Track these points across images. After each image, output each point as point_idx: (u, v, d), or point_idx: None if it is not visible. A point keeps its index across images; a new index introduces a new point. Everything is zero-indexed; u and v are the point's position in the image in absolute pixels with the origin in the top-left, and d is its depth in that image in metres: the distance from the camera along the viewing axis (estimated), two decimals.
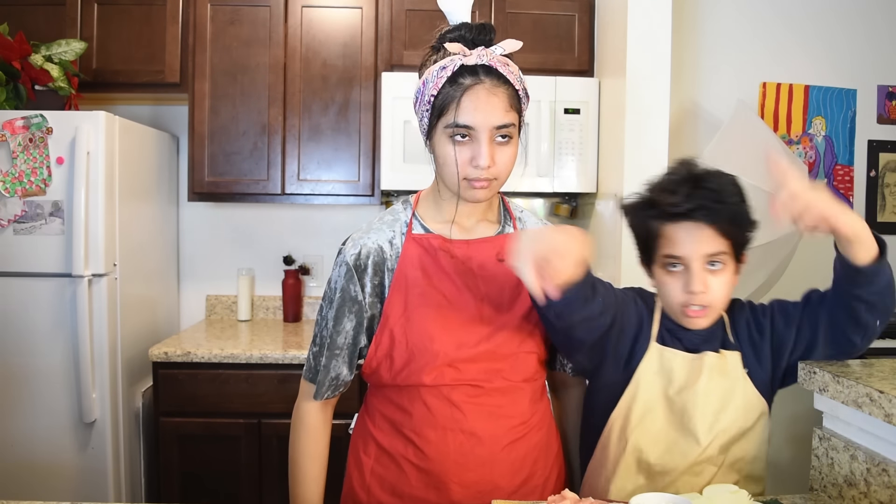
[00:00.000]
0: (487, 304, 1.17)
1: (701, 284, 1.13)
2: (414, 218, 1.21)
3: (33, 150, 2.16)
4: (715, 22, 2.90)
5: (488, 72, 1.10)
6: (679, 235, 1.13)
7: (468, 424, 1.15)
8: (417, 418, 1.17)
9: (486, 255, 1.19)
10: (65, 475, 2.21)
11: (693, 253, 1.13)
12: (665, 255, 1.16)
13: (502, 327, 1.17)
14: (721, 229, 1.12)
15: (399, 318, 1.16)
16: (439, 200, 1.21)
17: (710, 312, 1.17)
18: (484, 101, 1.08)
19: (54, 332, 2.19)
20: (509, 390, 1.19)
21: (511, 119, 1.11)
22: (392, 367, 1.17)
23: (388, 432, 1.21)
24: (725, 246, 1.14)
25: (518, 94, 1.14)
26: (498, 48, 1.12)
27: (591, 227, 2.71)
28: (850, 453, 1.11)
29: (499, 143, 1.11)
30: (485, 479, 1.16)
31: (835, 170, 3.01)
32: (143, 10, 2.56)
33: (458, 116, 1.08)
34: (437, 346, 1.14)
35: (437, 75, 1.10)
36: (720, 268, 1.15)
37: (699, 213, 1.11)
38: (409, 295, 1.16)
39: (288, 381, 2.27)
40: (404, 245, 1.18)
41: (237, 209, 2.94)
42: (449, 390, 1.15)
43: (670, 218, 1.14)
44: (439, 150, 1.13)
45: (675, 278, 1.16)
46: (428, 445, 1.16)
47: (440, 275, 1.17)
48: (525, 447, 1.20)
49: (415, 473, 1.17)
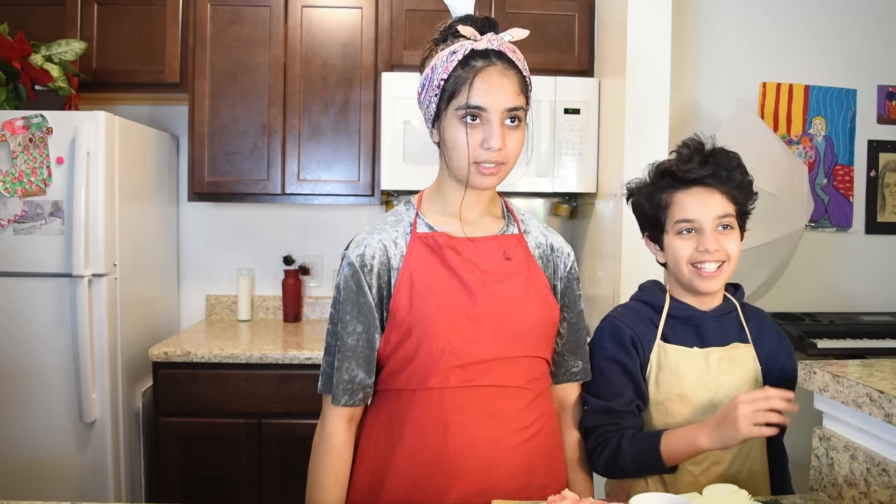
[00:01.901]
0: (494, 303, 1.16)
1: (715, 243, 1.21)
2: (418, 217, 1.21)
3: (33, 150, 2.16)
4: (715, 22, 2.91)
5: (499, 56, 1.11)
6: (691, 201, 1.23)
7: (469, 427, 1.14)
8: (417, 420, 1.15)
9: (492, 254, 1.19)
10: (65, 475, 2.21)
11: (706, 215, 1.21)
12: (678, 221, 1.24)
13: (508, 328, 1.16)
14: (729, 195, 1.22)
15: (405, 316, 1.14)
16: (444, 192, 1.21)
17: (722, 273, 1.22)
18: (496, 83, 1.09)
19: (54, 332, 2.19)
20: (513, 393, 1.17)
21: (521, 103, 1.12)
22: (399, 364, 1.16)
23: (386, 435, 1.19)
24: (733, 210, 1.23)
25: (526, 81, 1.15)
26: (507, 35, 1.13)
27: (591, 227, 2.71)
28: (850, 453, 1.11)
29: (508, 126, 1.11)
30: (483, 483, 1.14)
31: (835, 170, 3.01)
32: (143, 10, 2.56)
33: (471, 97, 1.09)
34: (443, 344, 1.13)
35: (447, 59, 1.11)
36: (729, 231, 1.23)
37: (711, 178, 1.21)
38: (414, 293, 1.14)
39: (288, 381, 2.28)
40: (409, 244, 1.17)
41: (237, 209, 2.94)
42: (452, 392, 1.14)
43: (683, 185, 1.23)
44: (449, 133, 1.12)
45: (687, 241, 1.24)
46: (427, 449, 1.14)
47: (447, 273, 1.16)
48: (526, 452, 1.18)
49: (414, 476, 1.15)
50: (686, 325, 1.26)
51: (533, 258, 1.23)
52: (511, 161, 1.14)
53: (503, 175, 1.14)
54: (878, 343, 2.56)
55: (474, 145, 1.10)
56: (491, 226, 1.22)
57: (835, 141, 3.00)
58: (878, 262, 3.04)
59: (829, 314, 2.78)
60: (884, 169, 3.04)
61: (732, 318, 1.28)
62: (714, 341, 1.24)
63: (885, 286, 3.04)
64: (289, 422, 2.30)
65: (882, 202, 3.05)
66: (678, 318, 1.27)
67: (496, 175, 1.13)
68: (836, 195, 3.01)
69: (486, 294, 1.15)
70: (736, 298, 1.31)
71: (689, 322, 1.26)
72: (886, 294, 3.03)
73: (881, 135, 3.02)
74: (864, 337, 2.59)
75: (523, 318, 1.17)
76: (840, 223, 3.02)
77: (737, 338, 1.26)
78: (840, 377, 1.11)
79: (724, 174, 1.21)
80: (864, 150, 3.02)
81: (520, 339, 1.17)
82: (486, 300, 1.15)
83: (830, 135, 2.99)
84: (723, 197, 1.22)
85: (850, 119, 3.00)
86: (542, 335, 1.19)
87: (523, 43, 1.15)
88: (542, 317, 1.18)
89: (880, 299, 3.02)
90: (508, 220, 1.25)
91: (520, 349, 1.17)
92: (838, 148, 3.00)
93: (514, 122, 1.12)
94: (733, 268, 1.24)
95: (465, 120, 1.10)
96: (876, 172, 3.03)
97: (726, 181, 1.21)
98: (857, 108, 3.00)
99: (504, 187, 1.21)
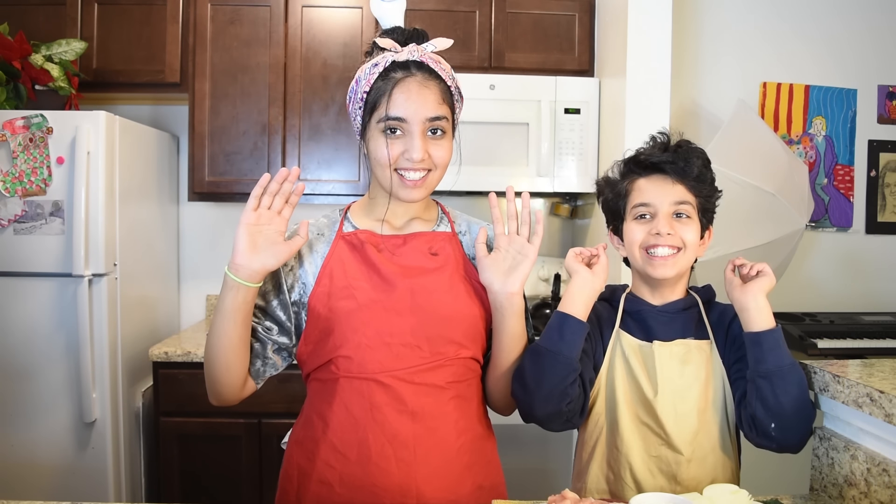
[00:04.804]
0: (415, 296, 1.14)
1: (668, 227, 1.19)
2: (345, 219, 1.22)
3: (33, 149, 2.16)
4: (715, 22, 2.91)
5: (419, 66, 1.12)
6: (649, 186, 1.23)
7: (389, 426, 1.11)
8: (338, 420, 1.13)
9: (417, 249, 1.18)
10: (65, 475, 2.21)
11: (661, 200, 1.21)
12: (635, 206, 1.24)
13: (432, 322, 1.13)
14: (688, 185, 1.22)
15: (324, 310, 1.13)
16: (374, 201, 1.21)
17: (676, 261, 1.20)
18: (416, 94, 1.10)
19: (54, 331, 2.19)
20: (437, 390, 1.14)
21: (443, 112, 1.12)
22: (319, 358, 1.15)
23: (310, 428, 1.17)
24: (692, 200, 1.22)
25: (450, 90, 1.15)
26: (429, 45, 1.14)
27: (591, 227, 2.71)
28: (850, 453, 1.11)
29: (431, 138, 1.12)
30: (407, 484, 1.11)
31: (835, 170, 3.01)
32: (143, 9, 2.56)
33: (389, 109, 1.09)
34: (359, 338, 1.11)
35: (369, 72, 1.12)
36: (685, 219, 1.22)
37: (669, 166, 1.22)
38: (333, 287, 1.14)
39: (288, 381, 2.27)
40: (333, 243, 1.18)
41: (237, 209, 2.94)
42: (372, 387, 1.12)
43: (644, 172, 1.24)
44: (371, 145, 1.13)
45: (642, 225, 1.23)
46: (349, 448, 1.12)
47: (365, 267, 1.15)
48: (452, 450, 1.15)
49: (336, 477, 1.13)
50: (634, 318, 1.25)
51: (466, 257, 1.22)
52: (439, 171, 1.14)
53: (430, 186, 1.15)
54: (878, 343, 2.56)
55: (395, 157, 1.11)
56: (420, 227, 1.22)
57: (835, 141, 3.00)
58: (878, 262, 3.04)
59: (829, 314, 2.78)
60: (884, 169, 3.04)
61: (691, 314, 1.25)
62: (660, 336, 1.22)
63: (885, 286, 3.04)
64: (289, 422, 2.26)
65: (882, 202, 3.05)
66: (628, 311, 1.26)
67: (422, 187, 1.13)
68: (836, 195, 3.01)
69: (405, 287, 1.14)
70: (701, 296, 1.27)
71: (637, 316, 1.25)
72: (886, 294, 3.03)
73: (881, 135, 3.02)
74: (864, 337, 2.59)
75: (445, 312, 1.15)
76: (840, 223, 3.02)
77: (692, 334, 1.23)
78: (840, 377, 1.11)
79: (681, 164, 1.21)
80: (865, 150, 3.02)
81: (441, 335, 1.14)
82: (405, 293, 1.13)
83: (831, 135, 2.99)
84: (682, 186, 1.21)
85: (851, 119, 3.00)
86: (467, 331, 1.16)
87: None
88: (467, 312, 1.16)
89: (880, 299, 3.02)
90: (441, 220, 1.25)
91: (440, 345, 1.14)
92: (839, 148, 3.00)
93: (436, 133, 1.12)
94: (690, 259, 1.22)
95: (387, 133, 1.10)
96: (876, 172, 3.03)
97: (684, 170, 1.21)
98: (858, 107, 2.99)
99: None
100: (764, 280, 1.15)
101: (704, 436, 1.18)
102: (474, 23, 2.62)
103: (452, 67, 1.19)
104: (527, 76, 2.58)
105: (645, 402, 1.19)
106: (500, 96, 2.53)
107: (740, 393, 1.17)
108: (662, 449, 1.18)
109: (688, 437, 1.17)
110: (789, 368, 1.10)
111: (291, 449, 1.22)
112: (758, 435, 1.13)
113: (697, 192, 1.22)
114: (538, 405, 1.14)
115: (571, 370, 1.13)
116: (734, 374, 1.20)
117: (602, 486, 1.22)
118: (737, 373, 1.19)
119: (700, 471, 1.18)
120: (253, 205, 1.09)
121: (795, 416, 1.10)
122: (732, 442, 1.22)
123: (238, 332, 1.12)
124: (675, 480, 1.18)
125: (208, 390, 1.20)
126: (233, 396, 1.20)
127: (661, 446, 1.18)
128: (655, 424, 1.18)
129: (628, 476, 1.19)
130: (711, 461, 1.19)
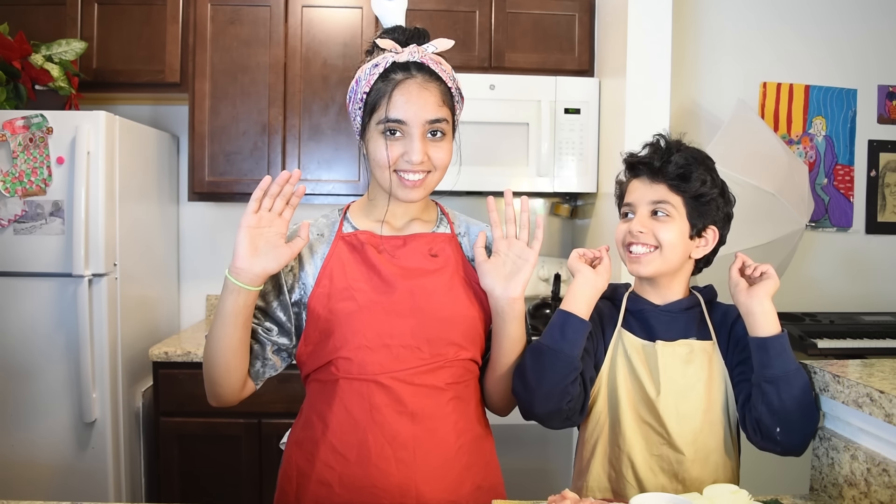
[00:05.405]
0: (414, 297, 1.14)
1: (641, 225, 1.21)
2: (345, 220, 1.22)
3: (33, 149, 2.16)
4: (715, 22, 2.91)
5: (420, 68, 1.11)
6: (634, 186, 1.26)
7: (389, 427, 1.11)
8: (337, 421, 1.13)
9: (417, 251, 1.18)
10: (65, 475, 2.21)
11: (640, 199, 1.23)
12: (623, 205, 1.28)
13: (432, 324, 1.13)
14: (671, 185, 1.21)
15: (323, 310, 1.13)
16: (374, 202, 1.21)
17: (651, 259, 1.21)
18: (416, 96, 1.09)
19: (54, 331, 2.19)
20: (436, 391, 1.14)
21: (444, 114, 1.12)
22: (319, 359, 1.15)
23: (309, 430, 1.17)
24: (673, 199, 1.21)
25: (451, 91, 1.15)
26: (430, 46, 1.13)
27: (591, 227, 2.71)
28: (850, 453, 1.11)
29: (431, 140, 1.11)
30: (407, 484, 1.10)
31: (835, 170, 3.01)
32: (143, 9, 2.56)
33: (389, 111, 1.09)
34: (359, 340, 1.11)
35: (369, 73, 1.12)
36: (664, 217, 1.21)
37: (645, 167, 1.23)
38: (332, 289, 1.14)
39: (288, 381, 2.27)
40: (332, 243, 1.18)
41: (237, 209, 2.94)
42: (372, 388, 1.11)
43: (631, 172, 1.27)
44: (371, 146, 1.13)
45: (624, 224, 1.25)
46: (348, 449, 1.12)
47: (365, 269, 1.15)
48: (451, 451, 1.15)
49: (336, 478, 1.12)
50: (636, 317, 1.25)
51: (466, 258, 1.22)
52: (439, 172, 1.14)
53: (430, 187, 1.15)
54: (878, 343, 2.56)
55: (394, 158, 1.10)
56: (420, 229, 1.22)
57: (835, 141, 3.00)
58: (878, 262, 3.04)
59: (829, 314, 2.78)
60: (884, 169, 3.04)
61: (693, 314, 1.25)
62: (662, 335, 1.22)
63: (885, 286, 3.04)
64: (289, 422, 2.26)
65: (882, 202, 3.05)
66: (630, 310, 1.26)
67: (421, 188, 1.13)
68: (836, 195, 3.01)
69: (405, 288, 1.14)
70: (703, 296, 1.27)
71: (639, 315, 1.25)
72: (886, 294, 3.03)
73: (881, 135, 3.02)
74: (864, 337, 2.59)
75: (444, 314, 1.14)
76: (840, 223, 3.02)
77: (695, 334, 1.23)
78: (840, 377, 1.11)
79: (657, 164, 1.21)
80: (865, 150, 3.02)
81: (441, 337, 1.14)
82: (405, 294, 1.13)
83: (831, 135, 2.99)
84: (662, 186, 1.21)
85: (851, 119, 3.00)
86: (467, 333, 1.16)
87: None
88: (467, 314, 1.16)
89: (880, 299, 3.02)
90: (441, 222, 1.25)
91: (440, 346, 1.14)
92: (838, 148, 3.00)
93: (436, 135, 1.12)
94: (668, 258, 1.20)
95: (386, 134, 1.10)
96: (876, 172, 3.03)
97: (660, 170, 1.21)
98: (858, 107, 2.99)
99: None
100: (769, 283, 1.15)
101: (706, 436, 1.18)
102: (474, 23, 2.62)
103: (452, 67, 1.18)
104: (527, 76, 2.58)
105: (647, 402, 1.19)
106: (500, 96, 2.53)
107: (744, 395, 1.17)
108: (664, 448, 1.18)
109: (689, 437, 1.17)
110: (795, 373, 1.10)
111: (290, 449, 1.22)
112: (762, 438, 1.13)
113: (682, 191, 1.20)
114: (539, 403, 1.15)
115: (572, 369, 1.13)
116: (737, 376, 1.20)
117: (604, 484, 1.22)
118: (740, 375, 1.19)
119: (702, 471, 1.18)
120: (253, 207, 1.08)
121: (800, 420, 1.10)
122: (733, 442, 1.22)
123: (238, 335, 1.12)
124: (676, 479, 1.18)
125: (207, 392, 1.20)
126: (232, 398, 1.19)
127: (663, 446, 1.18)
128: (657, 424, 1.18)
129: (630, 474, 1.19)
130: (713, 461, 1.19)
